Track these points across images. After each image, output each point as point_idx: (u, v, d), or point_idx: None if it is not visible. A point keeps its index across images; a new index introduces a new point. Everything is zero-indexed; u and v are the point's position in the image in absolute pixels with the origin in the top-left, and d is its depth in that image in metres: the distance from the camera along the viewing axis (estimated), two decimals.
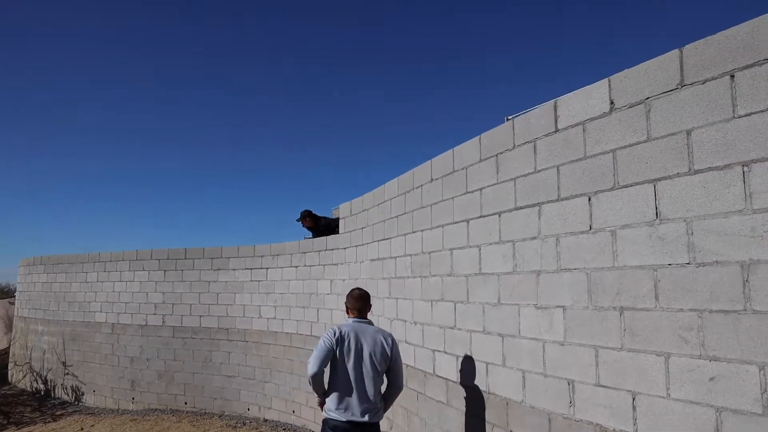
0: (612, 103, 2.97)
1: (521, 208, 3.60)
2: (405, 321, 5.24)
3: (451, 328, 4.34)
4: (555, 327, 3.24)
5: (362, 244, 6.61)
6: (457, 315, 4.28)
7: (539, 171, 3.46)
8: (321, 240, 7.93)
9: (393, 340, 3.97)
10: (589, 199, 3.06)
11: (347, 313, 4.17)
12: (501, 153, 3.84)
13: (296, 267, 8.41)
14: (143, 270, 10.27)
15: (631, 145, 2.84)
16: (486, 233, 3.95)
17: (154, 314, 10.03)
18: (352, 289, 4.23)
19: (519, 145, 3.66)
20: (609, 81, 3.01)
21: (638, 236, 2.76)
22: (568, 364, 3.13)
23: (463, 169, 4.32)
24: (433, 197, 4.76)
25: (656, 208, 2.69)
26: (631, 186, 2.82)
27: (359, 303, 4.11)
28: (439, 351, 4.52)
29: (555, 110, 3.37)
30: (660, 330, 2.61)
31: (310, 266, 8.09)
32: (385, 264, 5.84)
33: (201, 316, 9.60)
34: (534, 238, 3.46)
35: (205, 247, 9.82)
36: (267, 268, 8.98)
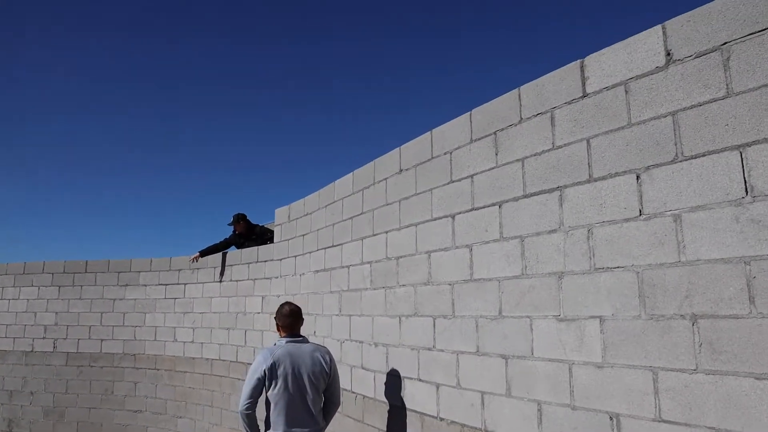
0: (669, 54, 2.32)
1: (533, 194, 2.87)
2: (361, 342, 4.35)
3: (429, 349, 3.51)
4: (588, 344, 2.50)
5: (303, 254, 5.67)
6: (437, 333, 3.46)
7: (559, 147, 2.76)
8: (251, 251, 6.90)
9: (331, 356, 3.57)
10: (638, 177, 2.37)
11: (278, 331, 3.57)
12: (502, 130, 3.12)
13: (220, 282, 7.28)
14: (32, 286, 8.69)
15: (700, 105, 2.19)
16: (480, 230, 3.19)
17: (44, 338, 8.45)
18: (281, 305, 3.63)
19: (528, 118, 2.95)
20: (663, 28, 2.36)
21: (718, 220, 2.09)
22: (609, 392, 2.38)
23: (445, 153, 3.55)
24: (403, 191, 3.96)
25: (745, 181, 2.03)
26: (704, 156, 2.16)
27: (290, 319, 3.55)
28: (412, 378, 3.67)
29: (581, 71, 2.69)
30: (759, 344, 1.93)
31: (237, 281, 7.01)
32: (334, 275, 4.94)
33: (102, 340, 8.17)
34: (553, 231, 2.73)
35: (110, 259, 8.43)
36: (185, 284, 7.77)
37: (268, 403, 3.34)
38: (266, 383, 3.25)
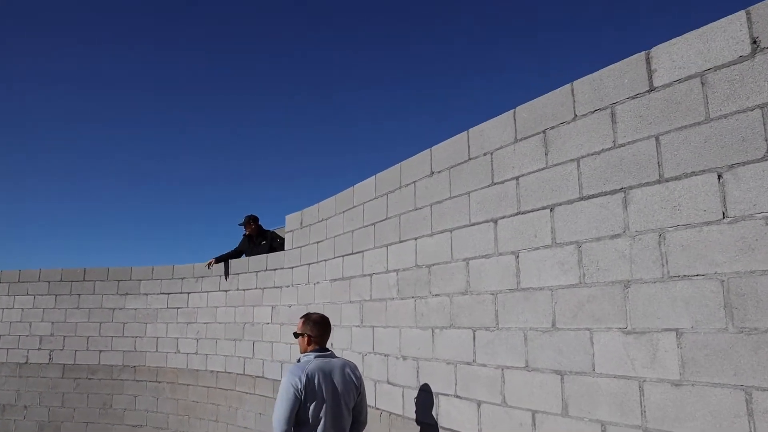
0: (755, 42, 2.12)
1: (591, 197, 2.65)
2: (387, 355, 4.11)
3: (468, 363, 3.28)
4: (662, 360, 2.28)
5: (318, 262, 5.43)
6: (478, 346, 3.23)
7: (622, 146, 2.55)
8: (259, 259, 6.64)
9: (359, 372, 3.28)
10: (720, 177, 2.17)
11: (305, 343, 3.24)
12: (552, 128, 2.91)
13: (226, 291, 7.01)
14: (27, 294, 8.37)
15: None
16: (528, 235, 2.97)
17: (39, 349, 8.13)
18: (309, 314, 3.34)
19: (584, 115, 2.75)
20: (748, 14, 2.16)
21: None
22: (689, 413, 2.16)
23: (485, 154, 3.34)
24: (435, 195, 3.74)
25: None
26: None
27: (321, 330, 3.25)
28: (448, 395, 3.43)
29: (647, 63, 2.49)
30: None
31: (244, 290, 6.74)
32: (353, 284, 4.70)
33: (101, 351, 7.86)
34: (616, 236, 2.51)
35: (110, 267, 8.14)
36: (188, 293, 7.49)
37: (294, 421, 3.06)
38: (300, 404, 2.96)
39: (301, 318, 3.31)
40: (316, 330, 3.21)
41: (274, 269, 6.30)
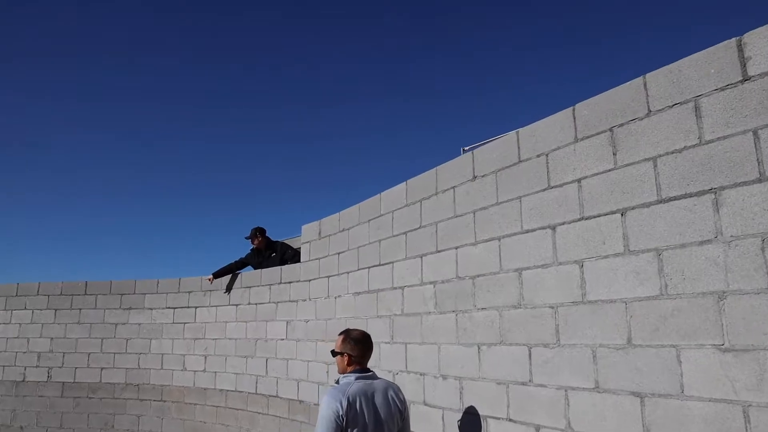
0: None
1: (672, 199, 2.40)
2: (423, 374, 3.81)
3: (524, 384, 3.00)
4: None
5: (339, 274, 5.15)
6: (535, 365, 2.95)
7: (710, 142, 2.30)
8: (272, 271, 6.35)
9: (403, 395, 2.95)
10: None
11: (346, 364, 2.91)
12: (621, 125, 2.66)
13: (237, 305, 6.70)
14: (25, 309, 8.02)
15: None
16: (594, 242, 2.71)
17: (37, 367, 7.76)
18: (348, 331, 3.01)
19: (660, 110, 2.51)
20: None
21: None
22: None
23: (538, 156, 3.09)
24: (478, 201, 3.49)
25: None
26: None
27: (362, 348, 2.93)
28: (498, 418, 3.14)
29: (739, 51, 2.25)
30: None
31: (256, 304, 6.44)
32: (381, 297, 4.42)
33: (102, 369, 7.50)
34: (706, 242, 2.26)
35: (112, 280, 7.81)
36: (196, 307, 7.17)
37: None
38: (342, 430, 2.66)
39: (340, 335, 3.01)
40: (357, 349, 2.91)
41: (289, 282, 6.01)
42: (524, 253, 3.10)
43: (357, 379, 2.82)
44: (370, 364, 2.97)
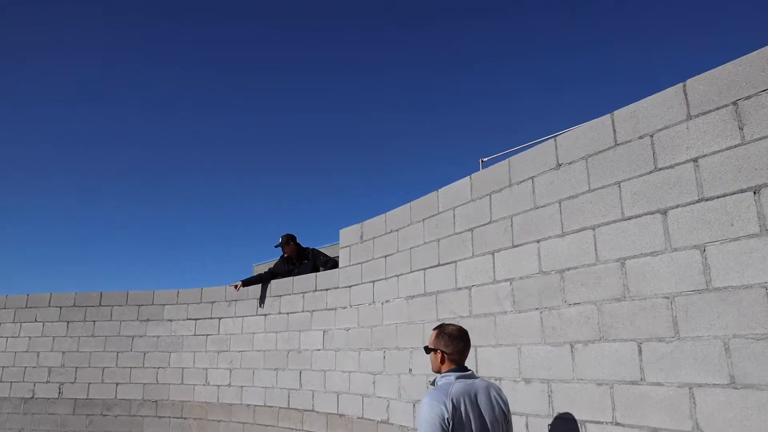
0: None
1: None
2: (498, 379, 3.54)
3: (634, 383, 2.74)
4: None
5: (387, 278, 4.89)
6: (646, 362, 2.70)
7: None
8: (306, 278, 6.07)
9: (505, 395, 2.70)
10: None
11: (440, 362, 2.68)
12: (748, 98, 2.47)
13: (266, 315, 6.39)
14: (35, 321, 7.65)
15: None
16: (720, 224, 2.49)
17: (47, 382, 7.37)
18: (443, 326, 2.77)
19: None
20: None
21: None
22: None
23: (642, 137, 2.89)
24: (565, 189, 3.27)
25: None
26: None
27: (458, 344, 2.68)
28: (601, 422, 2.87)
29: None
30: None
31: (288, 314, 6.13)
32: (441, 299, 4.17)
33: (118, 384, 7.13)
34: None
35: (129, 290, 7.49)
36: (220, 318, 6.85)
37: None
38: None
39: (434, 330, 2.76)
40: (453, 345, 2.65)
41: (326, 289, 5.73)
42: (626, 241, 2.87)
43: (458, 379, 2.56)
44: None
